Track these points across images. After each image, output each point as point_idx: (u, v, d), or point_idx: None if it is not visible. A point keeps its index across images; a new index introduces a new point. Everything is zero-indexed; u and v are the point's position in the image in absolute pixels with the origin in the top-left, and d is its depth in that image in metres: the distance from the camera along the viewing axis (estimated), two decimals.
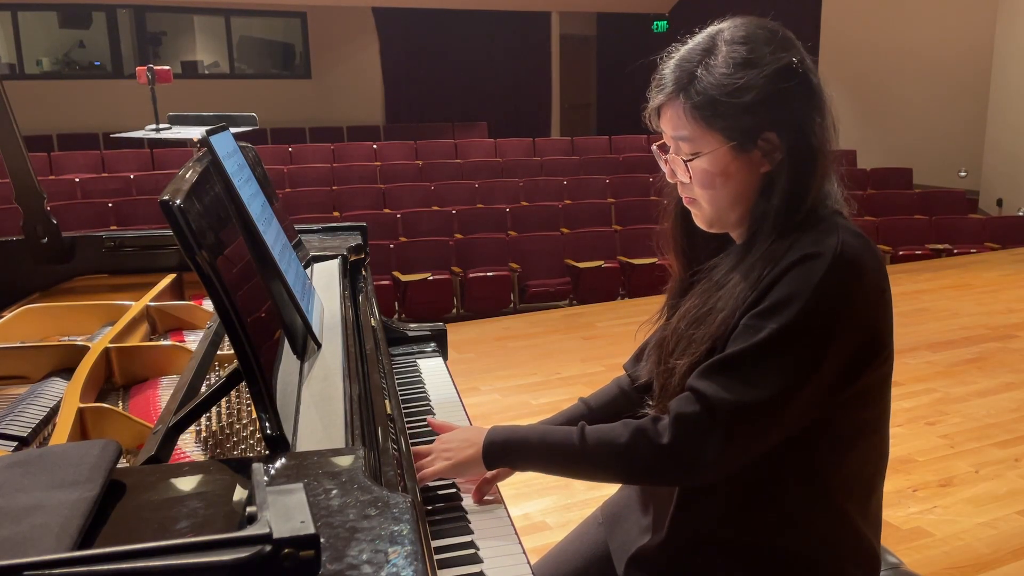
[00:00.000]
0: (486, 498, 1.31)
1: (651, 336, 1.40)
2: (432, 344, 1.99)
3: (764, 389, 1.08)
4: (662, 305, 1.37)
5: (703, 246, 1.29)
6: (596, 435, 1.21)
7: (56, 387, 1.39)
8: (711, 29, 1.18)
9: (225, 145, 1.26)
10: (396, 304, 6.25)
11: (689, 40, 1.19)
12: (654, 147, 1.26)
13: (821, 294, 1.07)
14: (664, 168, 1.24)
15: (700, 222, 1.24)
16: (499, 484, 1.35)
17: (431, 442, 1.49)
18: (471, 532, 1.22)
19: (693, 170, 1.17)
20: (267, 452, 0.95)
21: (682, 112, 1.15)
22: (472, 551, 1.17)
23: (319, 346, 1.29)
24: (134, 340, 1.59)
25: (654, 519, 1.29)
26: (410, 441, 1.43)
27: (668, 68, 1.18)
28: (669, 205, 1.32)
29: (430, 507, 1.29)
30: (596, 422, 1.32)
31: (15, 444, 1.19)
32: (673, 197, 1.30)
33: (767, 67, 1.11)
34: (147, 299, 1.74)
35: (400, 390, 1.72)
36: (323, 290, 1.59)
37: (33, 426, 1.24)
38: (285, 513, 0.64)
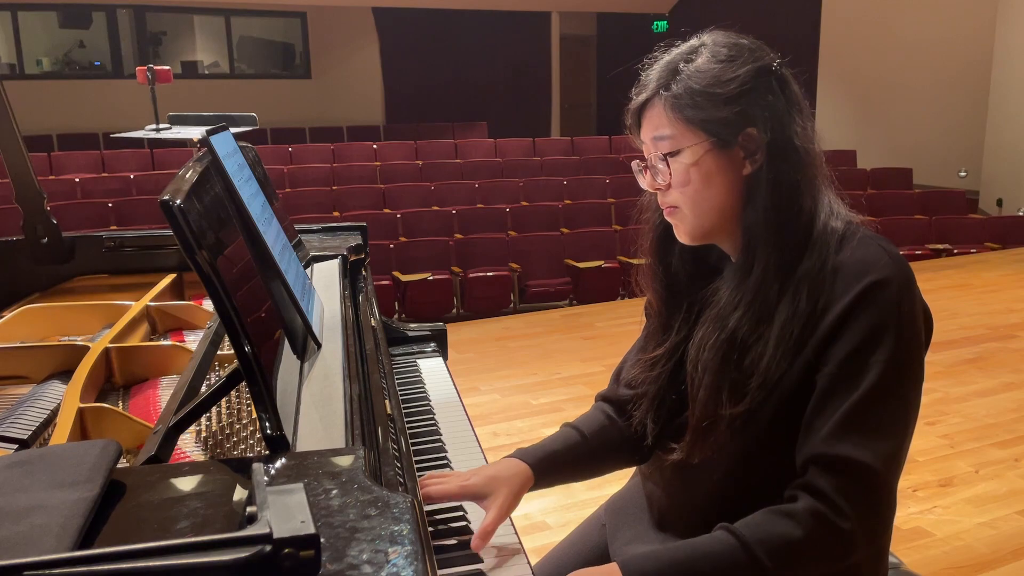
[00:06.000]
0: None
1: (627, 359, 1.37)
2: (432, 344, 2.00)
3: (899, 431, 1.09)
4: (647, 345, 1.32)
5: (685, 272, 1.26)
6: (764, 544, 1.06)
7: (56, 390, 1.39)
8: (692, 40, 1.19)
9: (225, 145, 1.26)
10: (396, 304, 6.25)
11: (673, 48, 1.19)
12: (633, 163, 1.22)
13: (904, 313, 1.08)
14: (644, 180, 1.21)
15: (682, 234, 1.20)
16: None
17: (430, 442, 1.48)
18: (471, 532, 1.21)
19: (673, 168, 1.14)
20: (267, 452, 0.95)
21: (662, 109, 1.14)
22: (472, 551, 1.17)
23: (319, 346, 1.29)
24: (134, 340, 1.59)
25: (663, 538, 1.27)
26: (410, 442, 1.43)
27: (651, 70, 1.18)
28: (648, 227, 1.28)
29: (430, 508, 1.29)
30: (592, 451, 1.31)
31: (15, 447, 1.19)
32: (651, 220, 1.27)
33: (748, 64, 1.12)
34: (147, 299, 1.74)
35: (400, 390, 1.72)
36: (323, 290, 1.59)
37: (33, 428, 1.24)
38: (285, 513, 0.64)
